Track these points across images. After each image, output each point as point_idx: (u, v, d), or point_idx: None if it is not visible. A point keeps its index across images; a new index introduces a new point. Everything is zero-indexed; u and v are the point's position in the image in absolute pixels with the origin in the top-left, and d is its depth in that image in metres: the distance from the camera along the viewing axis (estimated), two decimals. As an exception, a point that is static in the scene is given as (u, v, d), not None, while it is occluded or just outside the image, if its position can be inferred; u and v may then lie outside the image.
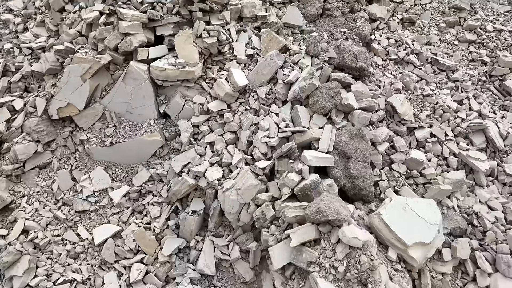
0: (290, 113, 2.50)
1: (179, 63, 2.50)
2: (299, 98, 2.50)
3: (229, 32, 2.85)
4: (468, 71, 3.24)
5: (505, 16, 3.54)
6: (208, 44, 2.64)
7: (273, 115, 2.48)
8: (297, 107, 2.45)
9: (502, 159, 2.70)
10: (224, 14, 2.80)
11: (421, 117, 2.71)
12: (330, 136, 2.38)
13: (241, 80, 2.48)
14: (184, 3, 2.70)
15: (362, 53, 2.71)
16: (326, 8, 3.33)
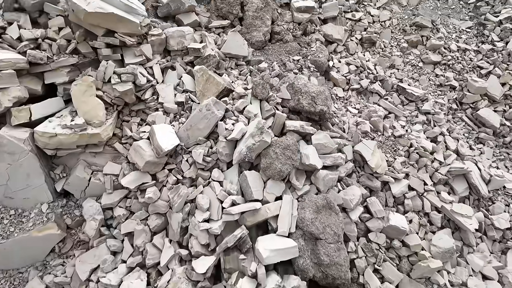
0: (237, 180, 1.91)
1: (76, 124, 1.78)
2: (248, 160, 1.92)
3: (152, 71, 2.19)
4: (438, 98, 2.91)
5: (467, 33, 3.27)
6: (121, 93, 1.96)
7: (215, 186, 1.87)
8: (246, 174, 1.86)
9: (488, 207, 2.36)
10: (143, 49, 2.13)
11: (396, 166, 2.27)
12: (291, 211, 1.82)
13: (167, 142, 1.83)
14: (84, 37, 1.99)
15: (320, 94, 2.19)
16: (275, 31, 2.80)
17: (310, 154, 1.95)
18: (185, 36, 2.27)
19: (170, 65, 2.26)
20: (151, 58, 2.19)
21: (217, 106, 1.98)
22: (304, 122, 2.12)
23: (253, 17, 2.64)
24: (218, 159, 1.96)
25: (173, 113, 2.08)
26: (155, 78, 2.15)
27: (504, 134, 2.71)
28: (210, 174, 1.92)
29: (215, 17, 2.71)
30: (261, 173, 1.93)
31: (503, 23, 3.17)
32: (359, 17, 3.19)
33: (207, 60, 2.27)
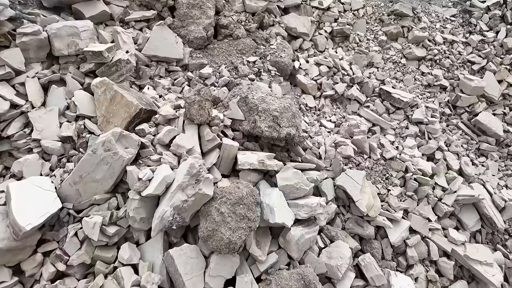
0: (162, 260, 1.22)
1: None
2: (176, 226, 1.23)
3: (24, 90, 1.43)
4: (429, 103, 2.40)
5: (452, 22, 2.80)
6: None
7: (123, 275, 1.16)
8: (173, 255, 1.18)
9: (505, 243, 1.87)
10: (4, 56, 1.36)
11: (391, 202, 1.70)
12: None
13: (33, 214, 1.10)
14: None
15: (285, 111, 1.55)
16: (221, 24, 2.13)
17: (276, 206, 1.30)
18: (80, 34, 1.52)
19: (58, 78, 1.51)
20: (22, 70, 1.42)
21: (124, 141, 1.27)
22: (265, 154, 1.47)
23: (189, 5, 1.94)
24: (129, 226, 1.26)
25: (56, 154, 1.33)
26: (29, 100, 1.39)
27: (508, 143, 2.24)
28: (115, 255, 1.21)
29: (136, 7, 1.98)
30: (200, 243, 1.26)
31: (491, 9, 2.73)
32: (328, 5, 2.59)
33: (116, 69, 1.55)
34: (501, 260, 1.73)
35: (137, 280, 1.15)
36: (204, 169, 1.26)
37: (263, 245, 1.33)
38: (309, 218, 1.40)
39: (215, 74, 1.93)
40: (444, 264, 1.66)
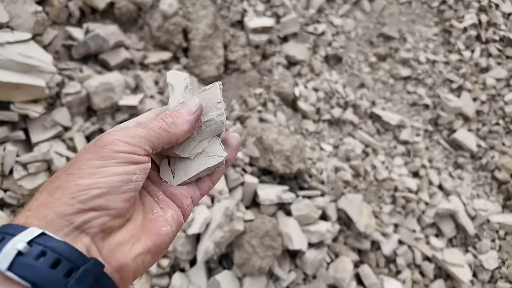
0: (207, 285, 1.59)
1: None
2: (216, 257, 1.60)
3: (73, 143, 1.72)
4: (413, 121, 2.82)
5: (433, 41, 3.20)
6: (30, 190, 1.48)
7: (178, 298, 1.53)
8: (219, 280, 1.55)
9: (475, 245, 2.35)
10: (56, 117, 1.64)
11: (384, 219, 2.12)
12: (278, 315, 1.57)
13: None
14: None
15: (295, 148, 1.92)
16: (229, 60, 2.43)
17: (293, 234, 1.69)
18: (114, 89, 1.81)
19: (98, 129, 1.80)
20: (70, 126, 1.71)
21: (170, 190, 1.61)
22: (280, 188, 1.84)
23: (201, 47, 2.23)
24: (176, 257, 1.62)
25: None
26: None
27: (480, 156, 2.71)
28: (168, 281, 1.57)
29: (151, 48, 2.26)
30: (235, 268, 1.64)
31: (468, 30, 3.15)
32: (322, 30, 2.93)
33: (148, 118, 1.85)
34: (471, 260, 2.21)
35: (189, 302, 1.52)
36: (235, 209, 1.62)
37: (284, 265, 1.72)
38: (319, 244, 1.80)
39: (227, 109, 2.25)
40: (426, 267, 2.12)
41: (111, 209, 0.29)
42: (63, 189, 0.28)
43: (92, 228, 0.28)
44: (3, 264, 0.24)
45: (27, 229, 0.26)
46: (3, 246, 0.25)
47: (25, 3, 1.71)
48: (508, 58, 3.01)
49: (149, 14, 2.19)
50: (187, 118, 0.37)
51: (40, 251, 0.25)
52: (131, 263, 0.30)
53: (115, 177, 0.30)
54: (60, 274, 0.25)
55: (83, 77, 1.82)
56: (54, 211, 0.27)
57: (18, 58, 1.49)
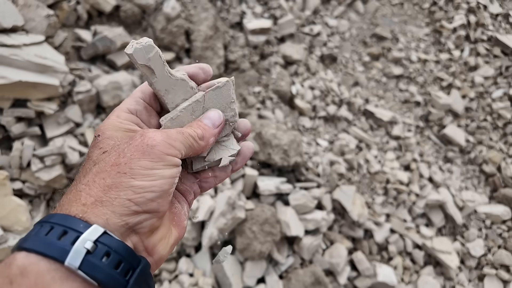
0: (211, 268, 1.72)
1: (-10, 239, 1.43)
2: (220, 242, 1.74)
3: (84, 138, 1.85)
4: (405, 117, 2.97)
5: (425, 41, 3.36)
6: (47, 182, 1.61)
7: (184, 281, 1.66)
8: (222, 264, 1.68)
9: (462, 234, 2.49)
10: (68, 114, 1.77)
11: (376, 209, 2.26)
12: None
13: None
14: (-17, 109, 1.57)
15: (292, 143, 2.06)
16: (229, 60, 2.57)
17: (291, 222, 1.82)
18: (122, 87, 1.94)
19: (107, 126, 1.93)
20: (81, 122, 1.84)
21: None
22: (278, 180, 1.98)
23: (203, 48, 2.36)
24: (182, 243, 1.75)
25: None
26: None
27: (469, 150, 2.86)
28: (175, 266, 1.70)
29: (155, 48, 2.38)
30: (237, 253, 1.77)
31: (457, 30, 3.30)
32: (318, 31, 3.07)
33: (154, 115, 1.98)
34: (459, 248, 2.36)
35: (195, 283, 1.65)
36: (237, 198, 1.76)
37: (282, 250, 1.86)
38: (315, 230, 1.93)
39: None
40: (416, 255, 2.26)
41: (160, 212, 0.31)
42: (118, 189, 0.29)
43: (142, 229, 0.30)
44: (75, 262, 0.25)
45: (90, 226, 0.27)
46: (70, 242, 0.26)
47: (38, 7, 1.84)
48: (496, 57, 3.16)
49: (153, 16, 2.32)
50: (213, 132, 0.38)
51: (105, 251, 0.26)
52: (167, 254, 0.34)
53: (165, 181, 0.31)
54: (121, 274, 0.27)
55: (93, 77, 1.95)
56: (111, 211, 0.28)
57: (34, 59, 1.62)
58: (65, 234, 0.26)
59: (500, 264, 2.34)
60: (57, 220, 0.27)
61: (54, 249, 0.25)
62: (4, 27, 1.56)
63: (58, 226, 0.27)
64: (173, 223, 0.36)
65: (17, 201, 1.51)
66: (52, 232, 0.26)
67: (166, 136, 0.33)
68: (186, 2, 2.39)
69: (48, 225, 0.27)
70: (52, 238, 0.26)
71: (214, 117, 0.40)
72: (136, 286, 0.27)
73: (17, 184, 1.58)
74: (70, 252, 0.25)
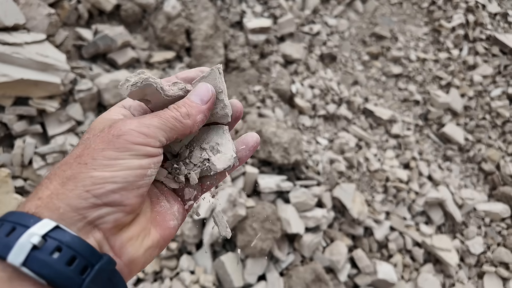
0: (212, 266, 1.73)
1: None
2: (221, 240, 1.75)
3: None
4: (404, 116, 2.98)
5: (424, 40, 3.38)
6: (49, 179, 1.63)
7: (185, 278, 1.67)
8: (223, 260, 1.69)
9: (462, 232, 2.51)
10: (70, 112, 1.78)
11: (376, 207, 2.28)
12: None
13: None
14: (-15, 108, 1.58)
15: (292, 141, 2.07)
16: (230, 59, 2.58)
17: (291, 219, 1.84)
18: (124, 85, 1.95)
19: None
20: (82, 120, 1.85)
21: (177, 179, 1.75)
22: (279, 178, 1.99)
23: (203, 47, 2.38)
24: (183, 241, 1.76)
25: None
26: (92, 146, 1.83)
27: (468, 149, 2.88)
28: (177, 263, 1.71)
29: (155, 47, 2.40)
30: (238, 250, 1.78)
31: (456, 29, 3.32)
32: (317, 30, 3.09)
33: (155, 113, 2.00)
34: (458, 246, 2.37)
35: (196, 280, 1.66)
36: (238, 196, 1.77)
37: (283, 248, 1.87)
38: (315, 228, 1.95)
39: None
40: (416, 252, 2.28)
41: (125, 205, 0.28)
42: (76, 180, 0.27)
43: (105, 224, 0.27)
44: (17, 259, 0.22)
45: (40, 221, 0.24)
46: (16, 238, 0.23)
47: (39, 6, 1.85)
48: (494, 56, 3.18)
49: (154, 15, 2.33)
50: (200, 108, 0.34)
51: (55, 246, 0.23)
52: (141, 257, 0.30)
53: (130, 171, 0.28)
54: (75, 272, 0.24)
55: (94, 75, 1.96)
56: (67, 203, 0.26)
57: (36, 57, 1.63)
58: (13, 231, 0.24)
59: (500, 261, 2.35)
60: (9, 217, 0.25)
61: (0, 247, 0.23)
62: (6, 26, 1.57)
63: (7, 223, 0.24)
64: (154, 222, 0.32)
65: (19, 198, 1.52)
66: (1, 229, 0.24)
67: (138, 124, 0.30)
68: (187, 1, 2.41)
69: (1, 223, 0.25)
70: (1, 236, 0.23)
71: (201, 91, 0.35)
72: (95, 285, 0.24)
73: (18, 181, 1.59)
74: (13, 248, 0.22)
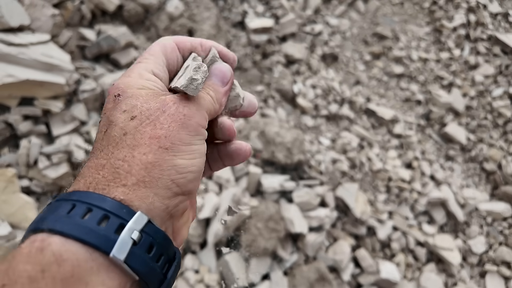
0: (216, 265, 1.75)
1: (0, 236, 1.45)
2: (225, 239, 1.77)
3: (89, 136, 1.87)
4: (406, 116, 3.01)
5: (425, 40, 3.40)
6: (54, 179, 1.64)
7: (189, 277, 1.69)
8: (228, 260, 1.71)
9: (464, 231, 2.53)
10: (74, 112, 1.80)
11: (379, 207, 2.30)
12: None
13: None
14: (-10, 108, 1.60)
15: (295, 141, 2.09)
16: (231, 59, 2.60)
17: (295, 219, 1.86)
18: (128, 86, 1.97)
19: (112, 124, 1.96)
20: (86, 120, 1.86)
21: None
22: (282, 177, 2.01)
23: (206, 47, 2.40)
24: (188, 240, 1.78)
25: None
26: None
27: (470, 148, 2.90)
28: (182, 263, 1.73)
29: (158, 48, 2.41)
30: (242, 250, 1.80)
31: (457, 29, 3.34)
32: (319, 30, 3.11)
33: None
34: (461, 245, 2.39)
35: (200, 279, 1.68)
36: (242, 195, 1.79)
37: (286, 247, 1.89)
38: (318, 228, 1.97)
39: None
40: (419, 252, 2.30)
41: (192, 193, 0.29)
42: (162, 168, 0.26)
43: (177, 212, 0.28)
44: (121, 254, 0.22)
45: (134, 213, 0.24)
46: (112, 228, 0.23)
47: (43, 7, 1.87)
48: (495, 56, 3.21)
49: (156, 16, 2.35)
50: (223, 90, 0.34)
51: (149, 243, 0.24)
52: (186, 237, 0.31)
53: (202, 159, 0.29)
54: (161, 267, 0.25)
55: (97, 75, 1.98)
56: (155, 193, 0.26)
57: (41, 58, 1.64)
58: (105, 219, 0.23)
59: (502, 260, 2.38)
60: (94, 200, 0.24)
61: (96, 237, 0.22)
62: (12, 26, 1.59)
63: (96, 209, 0.23)
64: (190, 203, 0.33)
65: (25, 198, 1.54)
66: (89, 216, 0.23)
67: (198, 105, 0.29)
68: (189, 1, 2.43)
69: (84, 206, 0.23)
70: (91, 223, 0.23)
71: (222, 73, 0.34)
72: (172, 280, 0.26)
73: (24, 181, 1.61)
74: (116, 242, 0.22)
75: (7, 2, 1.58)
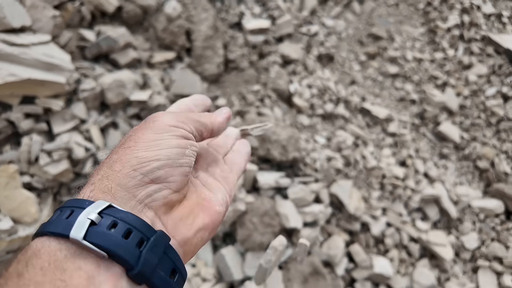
0: (212, 259, 1.80)
1: (2, 230, 1.50)
2: (222, 233, 1.81)
3: (89, 134, 1.92)
4: (401, 115, 3.06)
5: (420, 41, 3.45)
6: (54, 176, 1.68)
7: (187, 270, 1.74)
8: (224, 254, 1.75)
9: (457, 227, 2.58)
10: (74, 110, 1.85)
11: (373, 203, 2.35)
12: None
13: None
14: (-7, 106, 1.65)
15: (291, 138, 2.14)
16: (229, 59, 2.65)
17: (289, 214, 1.90)
18: (126, 86, 2.02)
19: (111, 122, 2.01)
20: (86, 119, 1.91)
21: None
22: (278, 174, 2.06)
23: (203, 48, 2.45)
24: (187, 235, 1.82)
25: (124, 185, 1.86)
26: (95, 143, 1.89)
27: (463, 147, 2.95)
28: (180, 257, 1.78)
29: (156, 48, 2.47)
30: (237, 245, 1.84)
31: (451, 30, 3.40)
32: (315, 31, 3.16)
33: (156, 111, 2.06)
34: (453, 241, 2.44)
35: (197, 273, 1.72)
36: (238, 191, 1.83)
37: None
38: (312, 223, 2.01)
39: (228, 104, 2.47)
40: (412, 247, 2.34)
41: (171, 182, 0.30)
42: (122, 162, 0.28)
43: (154, 202, 0.29)
44: (79, 233, 0.24)
45: (94, 202, 0.26)
46: (75, 217, 0.25)
47: (44, 8, 1.92)
48: (489, 56, 3.26)
49: (154, 17, 2.40)
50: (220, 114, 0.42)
51: (111, 221, 0.25)
52: (193, 238, 0.31)
53: (171, 149, 0.30)
54: (132, 244, 0.25)
55: (97, 75, 2.03)
56: (117, 183, 0.27)
57: (42, 58, 1.69)
58: (71, 214, 0.26)
59: (494, 256, 2.42)
60: (66, 204, 0.27)
61: (59, 226, 0.25)
62: (14, 27, 1.64)
63: (65, 208, 0.26)
64: (201, 207, 0.34)
65: (26, 193, 1.59)
66: (60, 214, 0.26)
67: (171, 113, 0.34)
68: (187, 3, 2.48)
69: (58, 210, 0.27)
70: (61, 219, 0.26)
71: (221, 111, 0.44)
72: (151, 255, 0.25)
73: (26, 177, 1.65)
74: (73, 225, 0.24)
75: (9, 3, 1.63)
